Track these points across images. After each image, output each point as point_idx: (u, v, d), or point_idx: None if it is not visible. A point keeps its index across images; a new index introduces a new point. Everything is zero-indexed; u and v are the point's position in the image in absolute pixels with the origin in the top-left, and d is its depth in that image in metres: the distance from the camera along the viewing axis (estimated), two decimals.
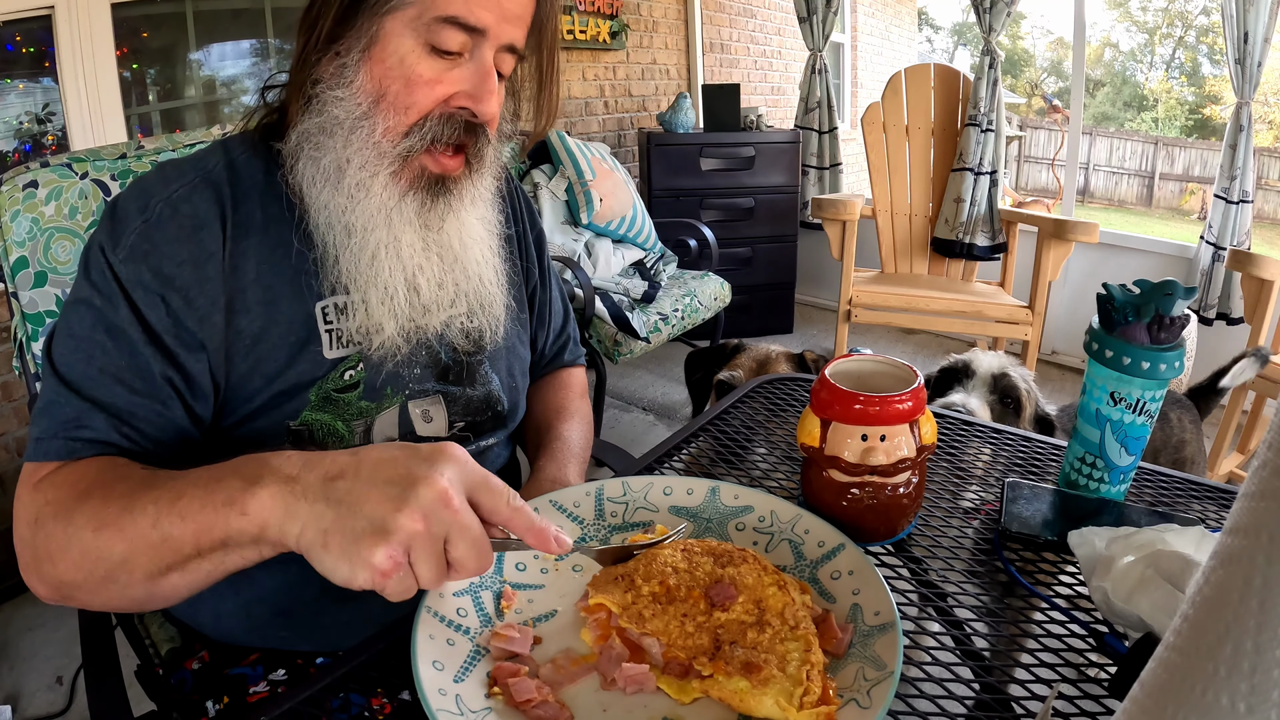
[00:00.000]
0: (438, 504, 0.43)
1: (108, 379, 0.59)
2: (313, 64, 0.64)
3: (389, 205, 0.65)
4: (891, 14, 7.47)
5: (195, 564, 0.50)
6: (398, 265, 0.67)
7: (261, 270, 0.65)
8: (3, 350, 1.76)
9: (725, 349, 1.52)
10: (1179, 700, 0.24)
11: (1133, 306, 0.64)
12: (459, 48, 0.62)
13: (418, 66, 0.62)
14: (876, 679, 0.45)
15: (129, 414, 0.59)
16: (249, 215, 0.66)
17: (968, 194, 2.79)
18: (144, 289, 0.60)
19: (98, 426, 0.58)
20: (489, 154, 0.69)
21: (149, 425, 0.60)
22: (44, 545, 0.53)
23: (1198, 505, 0.72)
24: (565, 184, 2.58)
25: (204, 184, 0.65)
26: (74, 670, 1.56)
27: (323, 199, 0.65)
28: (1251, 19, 2.47)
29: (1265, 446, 0.23)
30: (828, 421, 0.61)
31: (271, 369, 0.65)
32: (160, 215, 0.62)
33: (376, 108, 0.63)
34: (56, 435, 0.57)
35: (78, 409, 0.58)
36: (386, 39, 0.62)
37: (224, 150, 0.69)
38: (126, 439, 0.59)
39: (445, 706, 0.42)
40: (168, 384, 0.61)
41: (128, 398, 0.59)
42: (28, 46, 1.82)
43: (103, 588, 0.52)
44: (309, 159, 0.65)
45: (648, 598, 0.50)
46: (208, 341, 0.63)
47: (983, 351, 1.27)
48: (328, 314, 0.68)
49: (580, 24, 3.29)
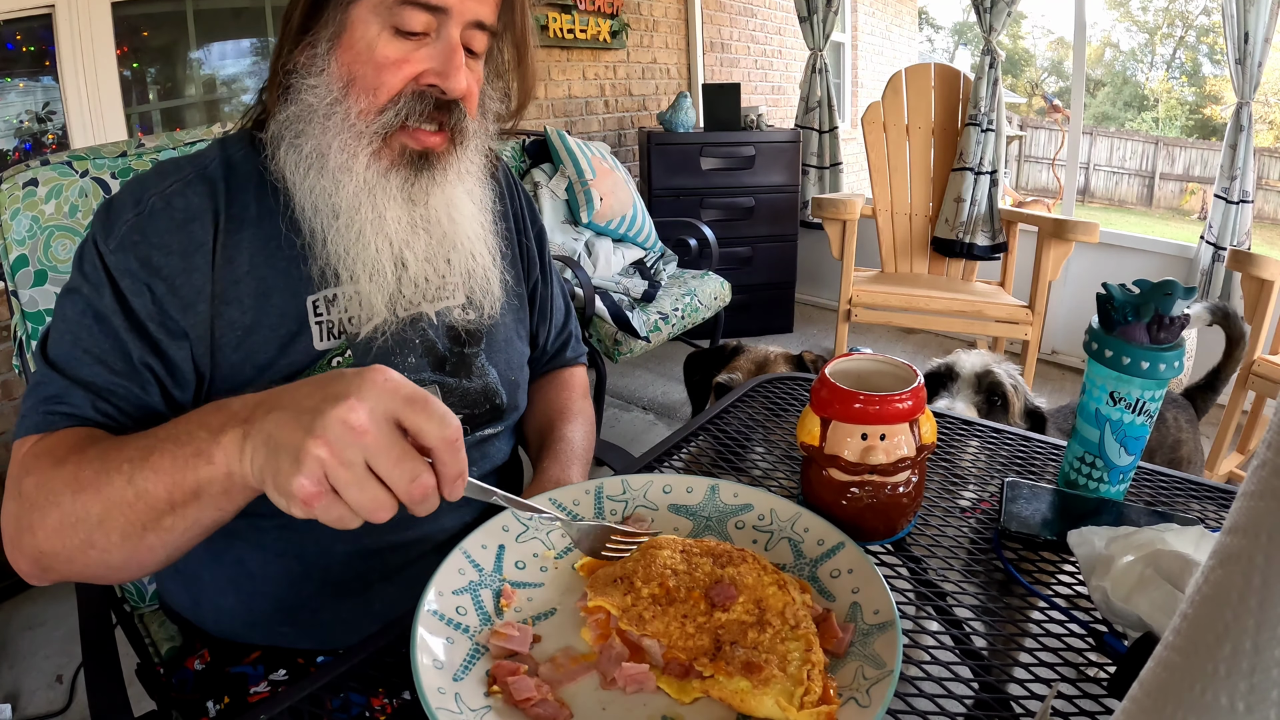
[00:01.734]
0: (342, 429, 0.42)
1: (90, 359, 0.61)
2: (286, 55, 0.66)
3: (372, 183, 0.66)
4: (892, 13, 7.47)
5: (170, 520, 0.51)
6: (384, 242, 0.68)
7: (255, 263, 0.67)
8: (2, 349, 1.76)
9: (724, 351, 1.51)
10: (1178, 700, 0.24)
11: (1132, 306, 0.64)
12: (423, 27, 0.64)
13: (384, 49, 0.64)
14: (876, 678, 0.45)
15: (108, 391, 0.60)
16: (243, 209, 0.67)
17: (968, 193, 2.78)
18: (131, 276, 0.62)
19: (76, 402, 0.59)
20: (471, 129, 0.70)
21: (126, 404, 0.61)
22: (25, 515, 0.54)
23: (1197, 505, 0.72)
24: (565, 183, 2.58)
25: (199, 179, 0.67)
26: (74, 669, 1.56)
27: (307, 184, 0.66)
28: (1252, 19, 2.47)
29: (1265, 446, 0.23)
30: (828, 420, 0.61)
31: (262, 359, 0.66)
32: (153, 208, 0.64)
33: (348, 92, 0.65)
34: (37, 410, 0.59)
35: (60, 386, 0.60)
36: (353, 26, 0.64)
37: (222, 148, 0.70)
38: (103, 414, 0.60)
39: (445, 705, 0.43)
40: (147, 369, 0.62)
41: (107, 377, 0.61)
42: (28, 45, 1.82)
43: (81, 554, 0.53)
44: (290, 146, 0.67)
45: (647, 599, 0.50)
46: (191, 330, 0.64)
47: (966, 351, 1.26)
48: (318, 307, 0.69)
49: (580, 23, 3.29)
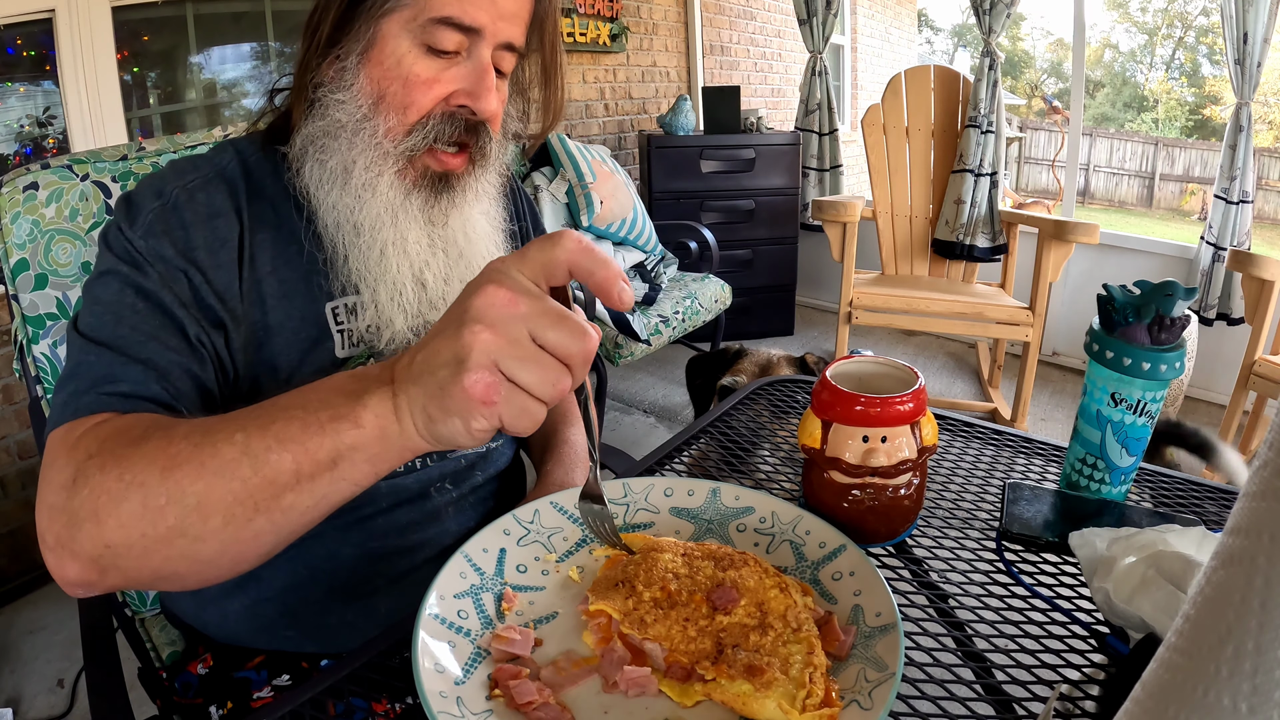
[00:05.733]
0: (493, 307, 0.40)
1: (141, 336, 0.56)
2: (314, 68, 0.65)
3: (395, 203, 0.66)
4: (891, 16, 7.48)
5: (291, 498, 0.45)
6: (405, 262, 0.67)
7: (276, 264, 0.66)
8: (3, 354, 1.76)
9: (726, 354, 1.51)
10: (1181, 701, 0.24)
11: (1133, 307, 0.64)
12: (455, 47, 0.63)
13: (415, 67, 0.63)
14: (878, 680, 0.45)
15: (164, 369, 0.56)
16: (262, 212, 0.67)
17: (968, 195, 2.78)
18: (165, 263, 0.60)
19: (134, 378, 0.54)
20: (493, 150, 0.70)
21: (185, 384, 0.57)
22: (88, 504, 0.46)
23: (1199, 506, 0.72)
24: (566, 186, 2.58)
25: (218, 178, 0.66)
26: (75, 673, 1.56)
27: (330, 199, 0.66)
28: (1251, 19, 2.47)
29: (1266, 446, 0.23)
30: (829, 423, 0.61)
31: (284, 363, 0.66)
32: (176, 200, 0.63)
33: (377, 109, 0.64)
34: (89, 391, 0.53)
35: (109, 364, 0.54)
36: (384, 41, 0.63)
37: (235, 149, 0.70)
38: (166, 393, 0.55)
39: (447, 709, 0.42)
40: (202, 347, 0.60)
41: (163, 353, 0.56)
42: (29, 50, 1.82)
43: (164, 545, 0.46)
44: (315, 161, 0.66)
45: (649, 603, 0.50)
46: (227, 321, 0.63)
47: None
48: (338, 314, 0.68)
49: (580, 26, 3.30)
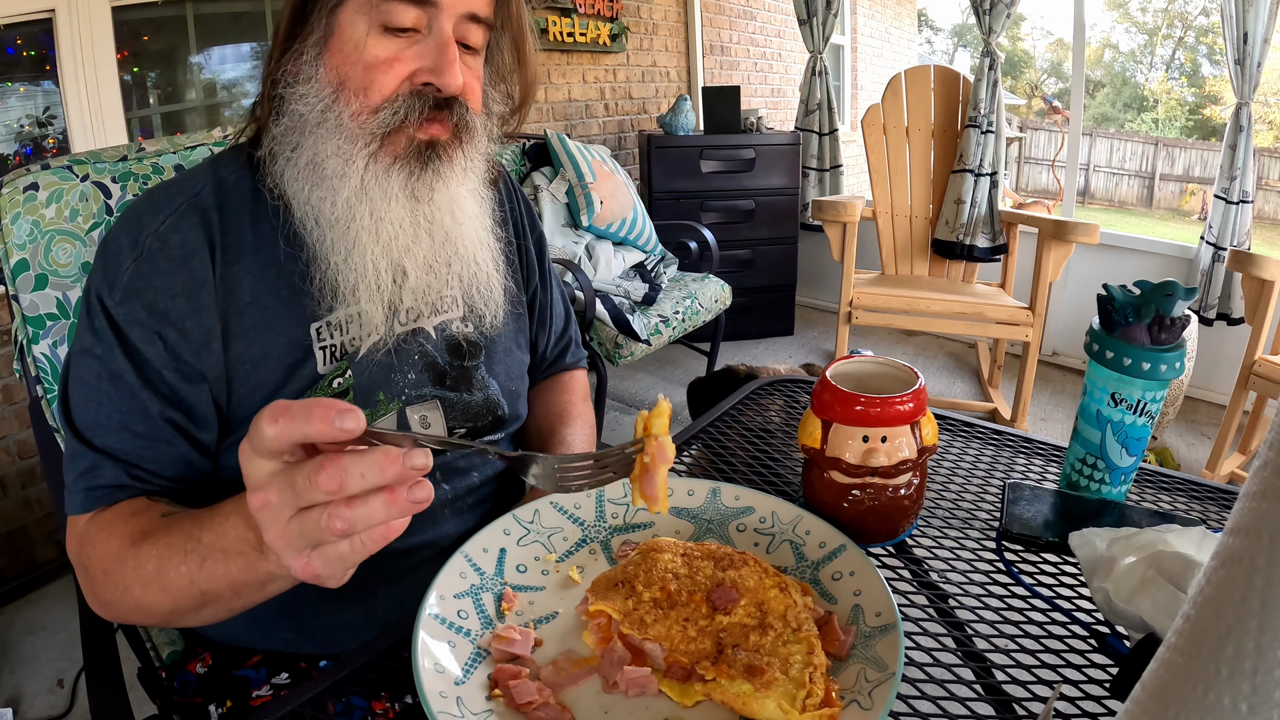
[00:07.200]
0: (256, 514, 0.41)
1: (114, 426, 0.61)
2: (275, 67, 0.64)
3: (369, 185, 0.64)
4: (891, 16, 7.47)
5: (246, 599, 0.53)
6: (381, 251, 0.65)
7: (257, 292, 0.65)
8: (3, 354, 1.76)
9: (735, 375, 1.45)
10: (1181, 701, 0.24)
11: (1133, 307, 0.64)
12: (413, 23, 0.62)
13: (373, 48, 0.62)
14: (878, 680, 0.45)
15: (137, 458, 0.62)
16: (240, 238, 0.66)
17: (968, 195, 2.78)
18: (140, 327, 0.61)
19: (110, 474, 0.61)
20: (477, 124, 0.68)
21: (157, 465, 0.62)
22: (103, 594, 0.59)
23: (1199, 506, 0.72)
24: (566, 186, 2.58)
25: (191, 210, 0.64)
26: (75, 673, 1.56)
27: (304, 195, 0.65)
28: (1251, 19, 2.47)
29: (1266, 446, 0.23)
30: (829, 423, 0.61)
31: (269, 389, 0.66)
32: (150, 250, 0.62)
33: (338, 96, 0.63)
34: (78, 488, 0.61)
35: (91, 459, 0.61)
36: (341, 28, 0.62)
37: (213, 170, 0.68)
38: (139, 481, 0.62)
39: (447, 709, 0.42)
40: (168, 424, 0.62)
41: (133, 442, 0.61)
42: (29, 50, 1.82)
43: (164, 622, 0.60)
44: (286, 160, 0.65)
45: (649, 603, 0.50)
46: (208, 371, 0.63)
47: None
48: (321, 334, 0.67)
49: (580, 26, 3.29)
